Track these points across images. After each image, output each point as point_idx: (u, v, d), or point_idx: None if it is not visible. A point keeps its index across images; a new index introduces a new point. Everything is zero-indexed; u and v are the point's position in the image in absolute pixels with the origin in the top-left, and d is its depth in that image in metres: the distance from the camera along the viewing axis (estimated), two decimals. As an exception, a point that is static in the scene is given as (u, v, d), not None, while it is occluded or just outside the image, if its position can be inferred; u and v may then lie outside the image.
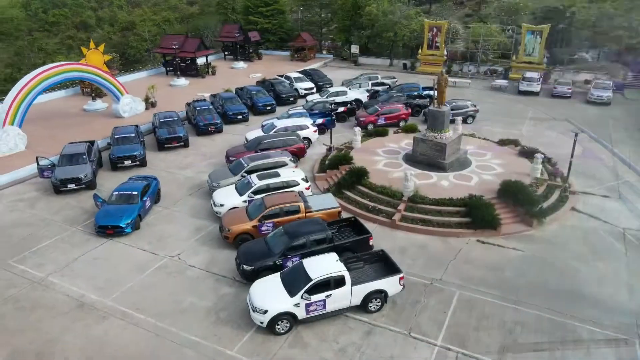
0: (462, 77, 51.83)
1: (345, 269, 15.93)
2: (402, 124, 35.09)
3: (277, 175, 23.15)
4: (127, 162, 27.77)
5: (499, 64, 55.01)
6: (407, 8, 56.98)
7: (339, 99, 39.03)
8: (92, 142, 28.35)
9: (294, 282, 15.79)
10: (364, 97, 40.52)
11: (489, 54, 56.17)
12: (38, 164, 25.69)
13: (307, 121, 31.81)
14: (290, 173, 23.41)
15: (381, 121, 34.95)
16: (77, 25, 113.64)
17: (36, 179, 26.56)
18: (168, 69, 52.10)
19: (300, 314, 15.44)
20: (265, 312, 15.14)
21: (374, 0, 56.23)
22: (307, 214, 20.45)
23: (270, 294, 15.58)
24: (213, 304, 17.04)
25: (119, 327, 15.99)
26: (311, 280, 15.48)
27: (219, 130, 34.27)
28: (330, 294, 15.57)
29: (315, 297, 15.36)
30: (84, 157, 26.09)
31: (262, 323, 15.28)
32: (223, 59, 61.12)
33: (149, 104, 39.19)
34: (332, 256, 16.65)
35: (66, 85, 43.08)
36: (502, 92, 46.14)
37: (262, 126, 31.99)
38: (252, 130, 32.21)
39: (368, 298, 16.08)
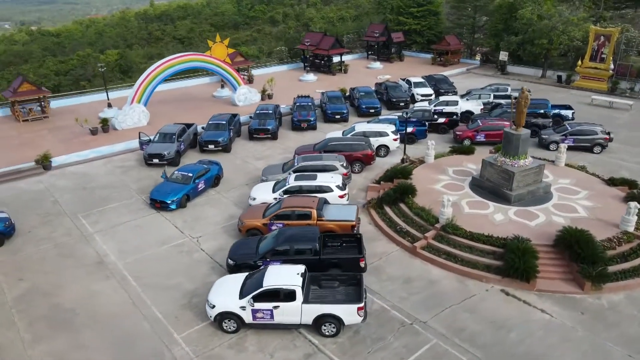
0: (626, 97, 43.13)
1: (299, 285, 15.24)
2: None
3: (314, 178, 22.94)
4: (211, 147, 30.61)
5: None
6: (572, 12, 49.30)
7: (447, 108, 36.34)
8: (189, 125, 31.90)
9: (250, 285, 15.76)
10: (477, 109, 36.86)
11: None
12: (139, 138, 30.09)
13: (389, 128, 30.48)
14: (328, 178, 22.94)
15: (480, 138, 31.49)
16: (267, 20, 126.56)
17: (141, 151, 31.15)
18: (306, 64, 54.87)
19: (247, 318, 15.35)
20: (213, 307, 15.47)
21: (532, 2, 50.12)
22: (319, 222, 19.93)
23: (224, 291, 15.84)
24: (195, 288, 18.00)
25: (112, 289, 18.10)
26: (261, 287, 15.26)
27: (312, 127, 35.07)
28: (279, 306, 15.11)
29: (260, 305, 15.10)
30: (173, 137, 29.56)
31: (210, 317, 15.67)
32: (365, 58, 61.73)
33: (266, 95, 42.04)
34: (297, 268, 16.06)
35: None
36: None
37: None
38: (334, 131, 32.22)
39: (320, 320, 15.14)
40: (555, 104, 36.66)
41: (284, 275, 15.66)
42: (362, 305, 15.03)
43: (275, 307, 15.12)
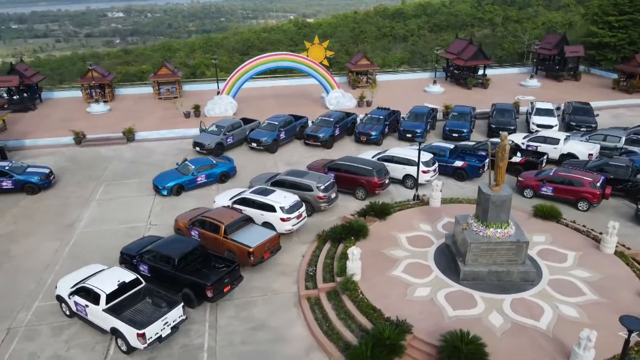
0: None
1: (107, 291, 15.32)
2: (581, 204, 23.39)
3: (267, 194, 21.81)
4: (256, 144, 31.74)
5: None
6: None
7: (544, 147, 28.97)
8: (249, 121, 33.63)
9: (83, 278, 16.60)
10: (584, 153, 28.16)
11: None
12: (200, 128, 33.21)
13: (424, 157, 26.17)
14: (278, 197, 21.44)
15: (546, 191, 24.38)
16: (486, 22, 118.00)
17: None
18: (447, 74, 50.18)
19: (73, 307, 16.26)
20: (56, 287, 16.90)
21: None
22: (224, 238, 19.16)
23: (73, 278, 17.01)
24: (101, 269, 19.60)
25: (52, 250, 21.13)
26: (82, 281, 15.94)
27: (374, 142, 32.59)
28: (88, 305, 15.57)
29: (77, 299, 15.81)
30: (222, 129, 31.64)
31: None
32: (532, 73, 52.54)
33: (364, 102, 40.47)
34: (124, 276, 16.10)
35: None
36: None
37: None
38: (370, 151, 29.34)
39: (115, 333, 15.00)
40: None
41: (107, 278, 15.98)
42: (141, 332, 14.27)
43: (87, 306, 15.63)
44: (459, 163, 27.03)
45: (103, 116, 39.36)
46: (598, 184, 23.23)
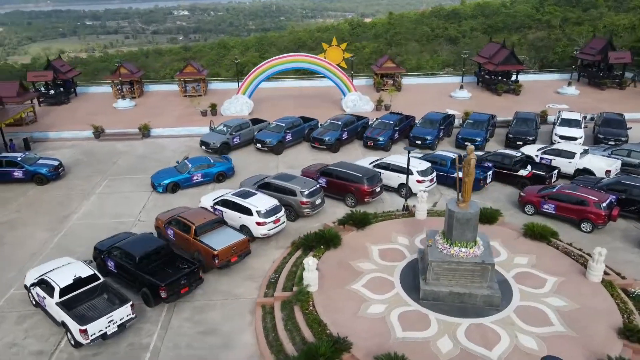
0: None
1: (61, 285, 15.79)
2: (585, 225, 21.66)
3: (246, 196, 21.73)
4: (261, 144, 31.75)
5: None
6: None
7: (557, 160, 27.12)
8: (259, 121, 33.77)
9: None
10: (601, 169, 26.01)
11: None
12: (210, 127, 33.72)
13: (418, 166, 25.16)
14: (257, 201, 21.28)
15: (548, 208, 22.73)
16: (544, 23, 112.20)
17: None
18: (479, 79, 48.09)
19: (36, 298, 16.89)
20: (25, 277, 17.63)
21: None
22: (194, 239, 19.28)
23: (41, 268, 17.64)
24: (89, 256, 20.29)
25: (42, 240, 22.21)
26: (41, 274, 16.52)
27: (381, 148, 31.74)
28: (45, 297, 16.12)
29: (38, 291, 16.41)
30: (229, 129, 31.95)
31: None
32: (574, 81, 49.24)
33: (382, 105, 39.54)
34: (84, 270, 16.52)
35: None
36: None
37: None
38: (371, 157, 28.59)
39: (64, 326, 15.43)
40: None
41: (65, 272, 16.47)
42: (83, 328, 14.58)
43: (44, 298, 16.19)
44: (460, 175, 25.73)
45: (127, 112, 40.86)
46: (604, 204, 21.34)
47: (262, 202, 21.33)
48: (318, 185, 23.48)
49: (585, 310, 15.63)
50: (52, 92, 42.72)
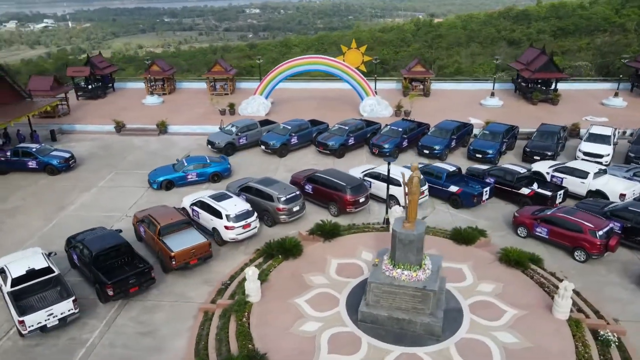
0: None
1: (14, 275, 16.48)
2: (578, 254, 19.70)
3: (219, 199, 21.71)
4: (265, 146, 31.73)
5: None
6: None
7: (569, 179, 24.96)
8: (269, 123, 33.80)
9: (17, 260, 18.10)
10: (616, 193, 23.47)
11: None
12: (220, 126, 34.18)
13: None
14: (228, 205, 21.16)
15: (541, 232, 20.89)
16: (618, 26, 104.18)
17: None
18: (516, 86, 45.20)
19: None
20: (-7, 264, 18.70)
21: None
22: (158, 238, 19.52)
23: (11, 257, 18.52)
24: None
25: (35, 228, 23.47)
26: (4, 264, 17.38)
27: (387, 156, 30.54)
28: (2, 286, 16.94)
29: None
30: (237, 129, 32.20)
31: (2, 272, 18.89)
32: (627, 91, 44.98)
33: (401, 111, 38.21)
34: (40, 262, 17.15)
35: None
36: None
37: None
38: (364, 165, 27.68)
39: (12, 316, 16.14)
40: None
41: (22, 263, 17.18)
42: (21, 319, 15.17)
43: (1, 286, 17.02)
44: (453, 188, 24.26)
45: (154, 108, 42.35)
46: (600, 232, 19.20)
47: (233, 206, 21.22)
48: (298, 192, 23.03)
49: (536, 350, 14.11)
50: (90, 87, 45.16)
